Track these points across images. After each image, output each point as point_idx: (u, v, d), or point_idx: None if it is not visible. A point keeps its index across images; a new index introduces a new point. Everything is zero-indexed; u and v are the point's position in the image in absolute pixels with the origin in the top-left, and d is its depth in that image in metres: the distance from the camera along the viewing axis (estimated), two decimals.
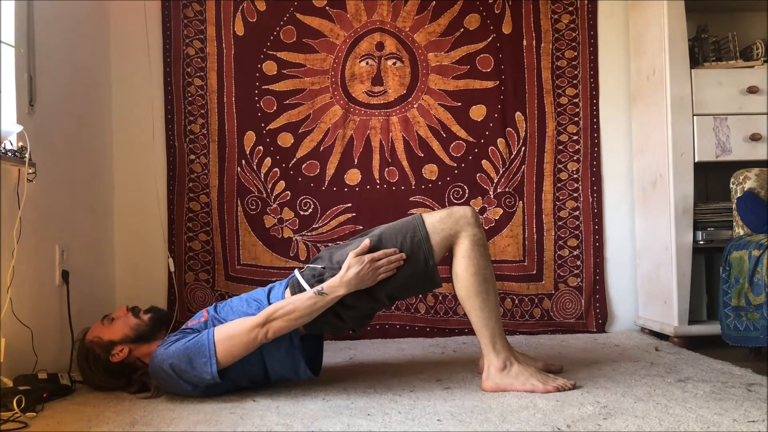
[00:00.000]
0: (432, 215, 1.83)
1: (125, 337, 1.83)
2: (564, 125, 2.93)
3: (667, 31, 2.51)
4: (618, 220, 2.93)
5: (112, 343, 1.83)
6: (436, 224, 1.79)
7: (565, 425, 1.44)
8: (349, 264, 1.71)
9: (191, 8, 2.88)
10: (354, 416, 1.56)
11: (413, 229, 1.79)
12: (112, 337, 1.83)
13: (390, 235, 1.79)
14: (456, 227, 1.79)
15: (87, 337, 1.86)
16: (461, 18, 2.90)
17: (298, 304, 1.70)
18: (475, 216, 1.82)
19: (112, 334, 1.84)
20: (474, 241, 1.78)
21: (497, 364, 1.77)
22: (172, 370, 1.71)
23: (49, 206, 2.17)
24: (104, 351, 1.82)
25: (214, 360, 1.68)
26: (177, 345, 1.72)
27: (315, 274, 1.78)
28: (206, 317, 1.85)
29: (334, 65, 2.89)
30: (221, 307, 1.87)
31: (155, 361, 1.75)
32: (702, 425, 1.42)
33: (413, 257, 1.76)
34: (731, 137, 2.50)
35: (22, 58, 2.03)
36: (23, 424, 1.53)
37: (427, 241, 1.77)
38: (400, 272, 1.75)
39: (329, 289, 1.71)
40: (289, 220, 2.86)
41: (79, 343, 1.88)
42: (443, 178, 2.89)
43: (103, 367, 1.83)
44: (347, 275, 1.70)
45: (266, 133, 2.87)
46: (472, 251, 1.78)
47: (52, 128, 2.22)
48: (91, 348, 1.83)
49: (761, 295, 1.99)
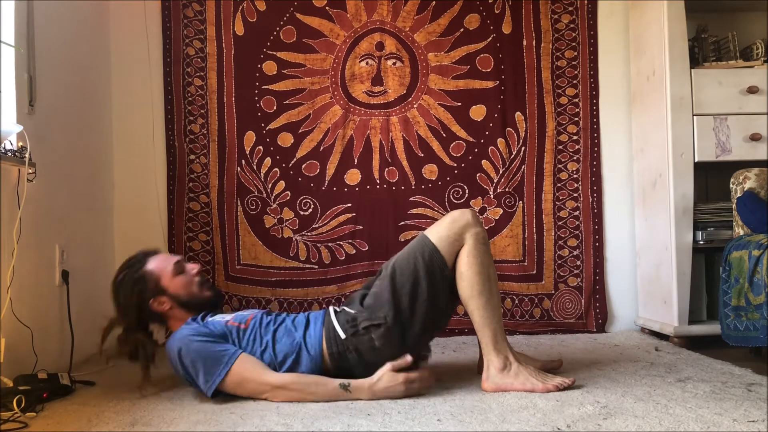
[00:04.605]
0: (435, 228, 1.84)
1: (176, 296, 1.82)
2: (564, 125, 2.93)
3: (667, 31, 2.51)
4: (618, 220, 2.93)
5: (163, 292, 1.82)
6: (441, 234, 1.81)
7: (565, 425, 1.44)
8: (382, 376, 1.70)
9: (191, 8, 2.87)
10: (354, 416, 1.56)
11: (421, 247, 1.80)
12: (168, 287, 1.82)
13: (403, 263, 1.79)
14: (460, 230, 1.80)
15: (149, 268, 1.83)
16: (461, 18, 2.90)
17: (320, 391, 1.68)
18: (475, 216, 1.85)
19: (170, 283, 1.82)
20: (477, 239, 1.80)
21: (497, 364, 1.77)
22: (179, 356, 1.70)
23: (49, 206, 2.17)
24: (152, 292, 1.81)
25: (217, 383, 1.68)
26: (202, 344, 1.70)
27: (349, 319, 1.77)
28: (247, 325, 1.79)
29: (334, 65, 2.89)
30: (265, 323, 1.81)
31: (174, 338, 1.74)
32: (702, 425, 1.42)
33: (430, 272, 1.77)
34: (731, 137, 2.50)
35: (22, 58, 2.03)
36: (23, 424, 1.53)
37: (437, 252, 1.78)
38: (425, 295, 1.75)
39: (354, 390, 1.69)
40: (289, 220, 2.86)
41: (137, 263, 1.85)
42: (443, 178, 2.89)
43: (138, 302, 1.81)
44: (377, 386, 1.69)
45: (266, 133, 2.87)
46: (475, 249, 1.79)
47: (52, 128, 2.22)
48: (144, 279, 1.81)
49: (761, 295, 1.99)
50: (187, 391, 1.87)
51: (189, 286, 1.85)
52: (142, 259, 1.87)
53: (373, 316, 1.74)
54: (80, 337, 2.25)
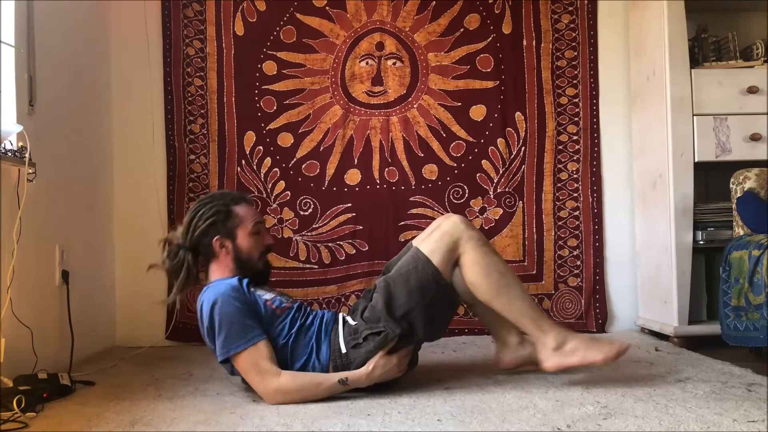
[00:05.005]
0: (426, 240, 1.83)
1: (239, 250, 1.83)
2: (564, 125, 2.93)
3: (667, 31, 2.51)
4: (618, 220, 2.93)
5: (232, 238, 1.82)
6: (431, 246, 1.80)
7: (565, 425, 1.44)
8: (376, 363, 1.72)
9: (191, 8, 2.87)
10: (354, 416, 1.56)
11: (414, 261, 1.80)
12: (238, 237, 1.82)
13: (396, 277, 1.80)
14: (451, 239, 1.79)
15: (237, 210, 1.84)
16: (461, 18, 2.90)
17: (320, 391, 1.71)
18: (465, 220, 1.84)
19: (243, 236, 1.83)
20: (475, 244, 1.79)
21: (551, 343, 1.77)
22: (212, 307, 1.71)
23: (49, 206, 2.17)
24: (224, 230, 1.82)
25: (232, 353, 1.69)
26: (237, 309, 1.70)
27: (351, 331, 1.78)
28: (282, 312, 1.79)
29: (334, 65, 2.89)
30: (295, 317, 1.81)
31: (215, 288, 1.74)
32: (702, 425, 1.42)
33: (425, 285, 1.76)
34: (731, 137, 2.50)
35: (22, 58, 2.03)
36: (23, 424, 1.53)
37: (429, 264, 1.77)
38: (420, 305, 1.76)
39: (353, 382, 1.72)
40: (289, 220, 2.86)
41: (231, 199, 1.84)
42: (443, 178, 2.89)
43: (207, 230, 1.81)
44: (374, 374, 1.72)
45: (266, 133, 2.87)
46: (476, 255, 1.79)
47: (52, 128, 2.22)
48: (227, 215, 1.82)
49: (761, 295, 1.99)
50: (186, 390, 1.88)
51: (253, 250, 1.85)
52: (237, 199, 1.87)
53: (373, 327, 1.75)
54: (80, 337, 2.25)
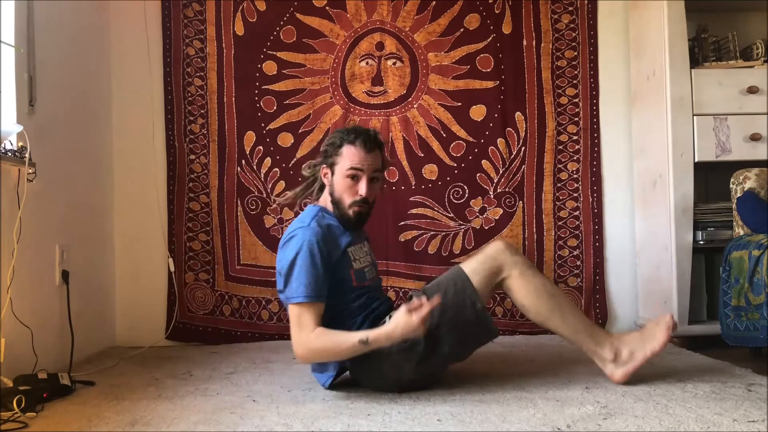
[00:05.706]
0: (470, 261, 1.87)
1: (333, 188, 1.87)
2: (564, 125, 2.93)
3: (667, 31, 2.51)
4: (618, 220, 2.93)
5: (332, 173, 1.87)
6: (475, 267, 1.82)
7: (565, 425, 1.44)
8: (398, 323, 1.67)
9: (191, 8, 2.87)
10: (354, 416, 1.56)
11: (454, 278, 1.82)
12: (336, 176, 1.86)
13: (434, 288, 1.81)
14: (495, 263, 1.82)
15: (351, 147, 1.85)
16: (461, 18, 2.90)
17: (343, 349, 1.71)
18: (509, 245, 1.87)
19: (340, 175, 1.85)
20: (521, 269, 1.82)
21: (608, 355, 1.82)
22: (297, 250, 1.74)
23: (49, 206, 2.17)
24: (329, 160, 1.88)
25: (292, 301, 1.73)
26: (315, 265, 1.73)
27: None
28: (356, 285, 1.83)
29: (334, 65, 2.89)
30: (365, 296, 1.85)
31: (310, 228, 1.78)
32: (702, 425, 1.42)
33: (460, 303, 1.78)
34: (731, 137, 2.50)
35: (22, 58, 2.03)
36: (23, 424, 1.53)
37: (469, 282, 1.79)
38: (450, 323, 1.76)
39: (374, 342, 1.69)
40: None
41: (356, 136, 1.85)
42: (443, 178, 2.89)
43: (326, 153, 1.89)
44: (395, 333, 1.67)
45: (266, 133, 2.87)
46: (523, 278, 1.82)
47: (52, 128, 2.22)
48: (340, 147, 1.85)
49: (761, 295, 1.99)
50: (186, 390, 1.88)
51: (345, 193, 1.85)
52: (355, 139, 1.85)
53: None
54: (80, 337, 2.25)
